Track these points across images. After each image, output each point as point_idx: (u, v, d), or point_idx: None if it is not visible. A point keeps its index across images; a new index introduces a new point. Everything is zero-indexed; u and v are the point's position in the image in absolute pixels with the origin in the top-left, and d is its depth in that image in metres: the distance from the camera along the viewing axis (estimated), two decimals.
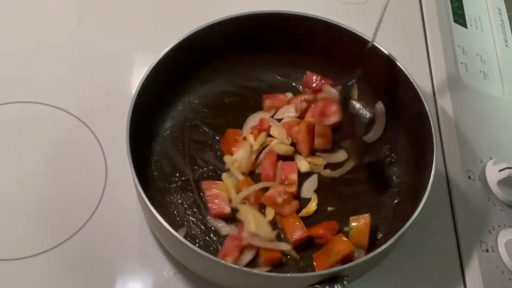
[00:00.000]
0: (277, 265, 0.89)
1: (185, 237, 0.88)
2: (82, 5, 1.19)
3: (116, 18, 1.17)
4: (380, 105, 1.02)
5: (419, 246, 0.95)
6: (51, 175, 0.99)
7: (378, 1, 1.23)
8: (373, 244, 0.91)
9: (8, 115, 1.05)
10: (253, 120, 1.02)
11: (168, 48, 0.95)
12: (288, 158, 0.98)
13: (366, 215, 0.91)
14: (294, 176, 0.95)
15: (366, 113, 1.05)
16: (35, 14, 1.17)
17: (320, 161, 0.98)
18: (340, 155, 1.00)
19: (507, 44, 1.20)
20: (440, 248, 0.95)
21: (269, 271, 0.88)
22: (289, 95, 1.04)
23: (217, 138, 1.00)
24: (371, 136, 1.02)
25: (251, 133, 0.99)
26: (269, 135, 0.99)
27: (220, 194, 0.93)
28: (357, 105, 1.05)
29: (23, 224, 0.95)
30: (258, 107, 1.03)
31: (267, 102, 1.03)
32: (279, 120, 1.01)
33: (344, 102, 0.99)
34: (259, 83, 1.07)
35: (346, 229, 0.92)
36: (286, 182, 0.95)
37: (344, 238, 0.89)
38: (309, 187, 0.96)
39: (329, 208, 0.95)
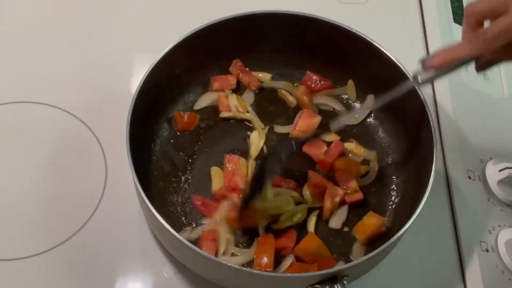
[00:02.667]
0: None
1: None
2: (82, 5, 1.19)
3: (116, 18, 1.17)
4: (370, 98, 1.03)
5: (419, 246, 0.95)
6: (51, 175, 0.99)
7: (378, 1, 1.24)
8: (373, 244, 0.91)
9: (8, 115, 1.05)
10: (206, 98, 1.03)
11: (168, 48, 0.95)
12: None
13: (382, 217, 0.92)
14: (353, 185, 0.95)
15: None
16: (35, 14, 1.17)
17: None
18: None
19: None
20: (440, 248, 0.95)
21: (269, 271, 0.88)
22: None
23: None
24: (351, 119, 1.03)
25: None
26: None
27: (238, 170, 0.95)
28: (357, 105, 1.06)
29: (23, 224, 0.95)
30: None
31: (215, 84, 1.04)
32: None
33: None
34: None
35: (346, 229, 0.93)
36: (349, 191, 0.95)
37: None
38: (339, 219, 0.94)
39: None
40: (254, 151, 0.99)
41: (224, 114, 1.02)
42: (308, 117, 1.01)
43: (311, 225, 0.93)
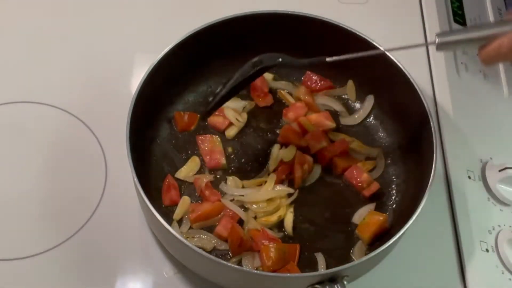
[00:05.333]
0: None
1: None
2: (82, 5, 1.19)
3: (116, 18, 1.18)
4: (370, 98, 1.04)
5: (419, 246, 0.95)
6: (51, 175, 0.99)
7: (378, 1, 1.24)
8: (373, 244, 0.91)
9: (8, 115, 1.05)
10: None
11: (168, 48, 0.95)
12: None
13: (384, 214, 0.92)
14: (365, 177, 0.96)
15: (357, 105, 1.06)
16: (35, 14, 1.17)
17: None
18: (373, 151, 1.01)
19: None
20: (440, 248, 0.95)
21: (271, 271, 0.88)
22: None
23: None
24: (350, 120, 1.04)
25: None
26: None
27: (215, 147, 0.97)
28: (357, 105, 1.06)
29: (23, 224, 0.95)
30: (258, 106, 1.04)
31: (290, 115, 1.03)
32: None
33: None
34: None
35: (349, 228, 0.93)
36: (365, 185, 0.96)
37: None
38: (361, 215, 0.94)
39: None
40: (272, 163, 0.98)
41: (230, 132, 1.01)
42: (324, 117, 1.02)
43: (289, 223, 0.93)
